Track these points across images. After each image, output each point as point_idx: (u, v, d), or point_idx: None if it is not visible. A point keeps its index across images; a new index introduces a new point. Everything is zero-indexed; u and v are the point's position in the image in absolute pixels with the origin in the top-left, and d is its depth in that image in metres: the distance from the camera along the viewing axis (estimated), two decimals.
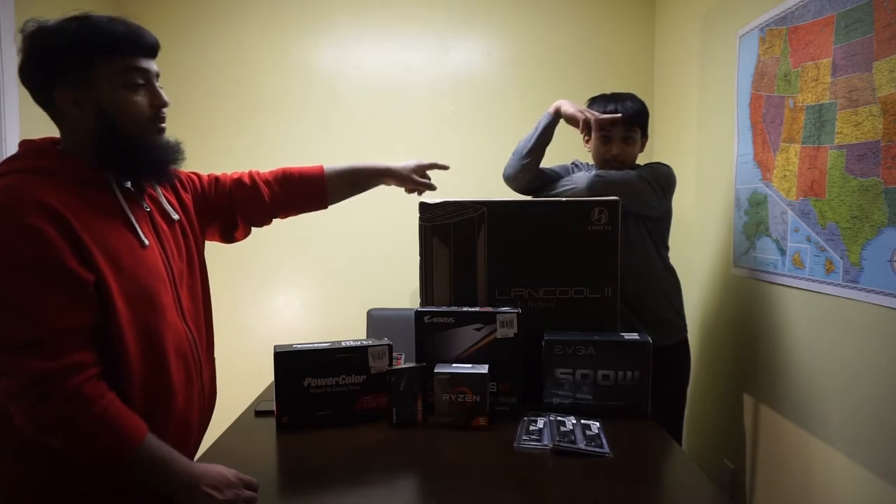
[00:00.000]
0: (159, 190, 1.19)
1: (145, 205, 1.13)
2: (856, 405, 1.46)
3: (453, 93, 2.85)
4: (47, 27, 1.01)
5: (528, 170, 1.88)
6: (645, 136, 1.96)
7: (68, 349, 0.93)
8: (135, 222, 1.07)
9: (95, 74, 1.01)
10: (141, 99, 1.05)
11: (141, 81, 1.05)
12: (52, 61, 1.01)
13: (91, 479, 1.00)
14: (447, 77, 2.85)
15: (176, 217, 1.19)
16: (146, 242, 1.07)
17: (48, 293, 0.92)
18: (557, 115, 1.86)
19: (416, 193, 1.61)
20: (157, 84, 1.09)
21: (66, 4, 1.07)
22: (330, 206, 1.64)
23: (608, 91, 2.00)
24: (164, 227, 1.15)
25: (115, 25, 1.03)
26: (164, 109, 1.08)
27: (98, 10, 1.07)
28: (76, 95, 1.02)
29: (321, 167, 1.50)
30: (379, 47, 2.84)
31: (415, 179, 1.57)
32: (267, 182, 1.43)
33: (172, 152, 1.11)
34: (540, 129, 1.86)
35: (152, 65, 1.08)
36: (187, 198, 1.27)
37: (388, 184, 1.58)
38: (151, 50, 1.07)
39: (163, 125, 1.09)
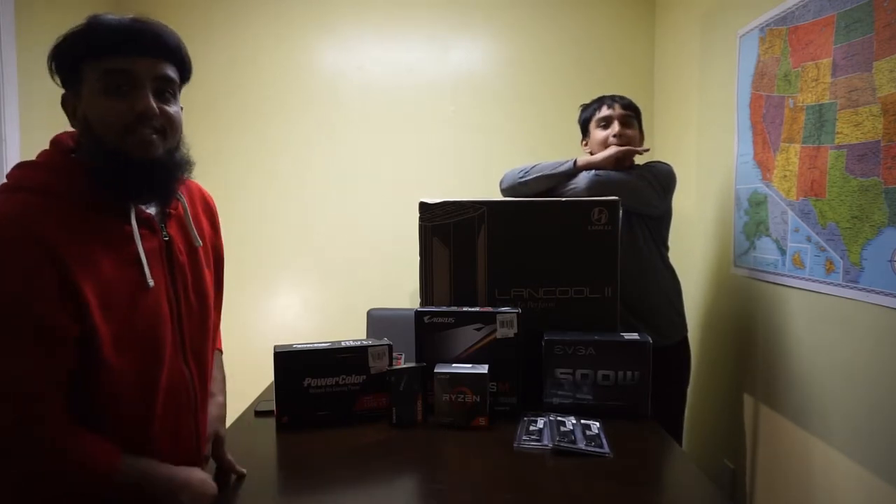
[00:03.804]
0: (188, 211, 1.07)
1: (165, 233, 1.02)
2: (856, 405, 1.46)
3: (453, 93, 2.85)
4: (64, 34, 0.94)
5: (523, 194, 1.91)
6: (641, 133, 1.98)
7: (35, 399, 0.86)
8: (144, 258, 0.96)
9: (83, 79, 0.93)
10: (120, 105, 0.92)
11: (122, 85, 0.92)
12: (54, 65, 0.95)
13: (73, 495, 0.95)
14: (447, 77, 2.85)
15: (199, 243, 1.08)
16: (150, 283, 0.96)
17: (22, 343, 0.85)
18: (581, 168, 1.85)
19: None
20: (160, 89, 0.95)
21: (66, 4, 1.06)
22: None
23: (607, 92, 2.02)
24: (184, 257, 1.05)
25: (105, 25, 0.92)
26: (155, 117, 0.94)
27: (97, 10, 1.06)
28: (74, 104, 0.95)
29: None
30: (381, 48, 2.84)
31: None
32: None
33: (163, 170, 0.97)
34: (557, 171, 1.86)
35: (152, 66, 0.94)
36: (211, 233, 1.17)
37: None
38: (146, 49, 0.93)
39: (149, 134, 0.94)
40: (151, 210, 1.01)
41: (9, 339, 0.84)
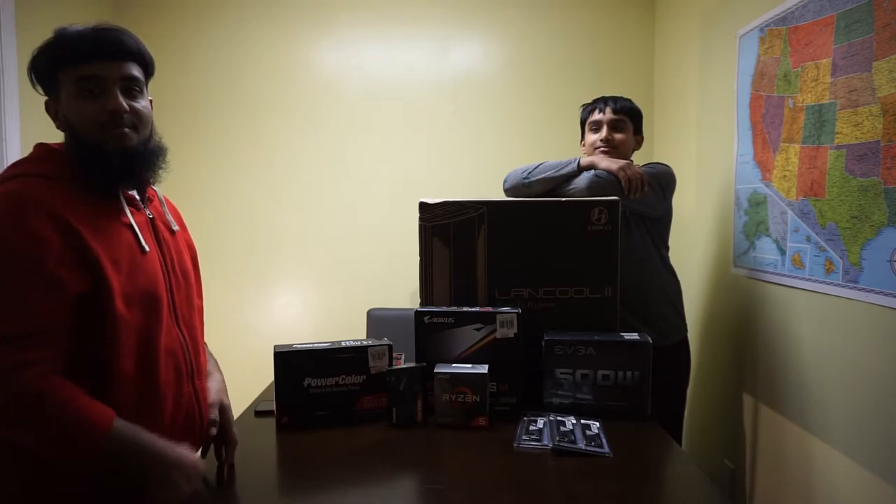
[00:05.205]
0: (164, 202, 1.21)
1: (148, 212, 1.14)
2: (856, 405, 1.46)
3: (453, 93, 2.85)
4: (38, 48, 1.05)
5: (527, 194, 1.89)
6: (640, 136, 1.98)
7: (36, 346, 0.93)
8: (136, 228, 1.08)
9: (60, 86, 1.04)
10: (94, 106, 1.03)
11: (93, 89, 1.03)
12: (33, 76, 1.06)
13: (75, 480, 0.99)
14: (447, 77, 2.85)
15: (176, 228, 1.20)
16: (146, 248, 1.09)
17: (30, 293, 0.93)
18: (585, 168, 1.82)
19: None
20: (127, 88, 1.06)
21: (65, 5, 1.08)
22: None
23: (607, 92, 2.02)
24: (166, 234, 1.17)
25: (76, 35, 1.03)
26: (126, 114, 1.04)
27: (96, 13, 1.08)
28: (56, 108, 1.06)
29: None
30: (380, 48, 2.84)
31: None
32: None
33: (140, 157, 1.08)
34: (560, 174, 1.83)
35: (117, 69, 1.04)
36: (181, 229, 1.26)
37: None
38: (110, 54, 1.04)
39: (122, 130, 1.05)
40: (133, 193, 1.12)
41: (21, 291, 0.93)
